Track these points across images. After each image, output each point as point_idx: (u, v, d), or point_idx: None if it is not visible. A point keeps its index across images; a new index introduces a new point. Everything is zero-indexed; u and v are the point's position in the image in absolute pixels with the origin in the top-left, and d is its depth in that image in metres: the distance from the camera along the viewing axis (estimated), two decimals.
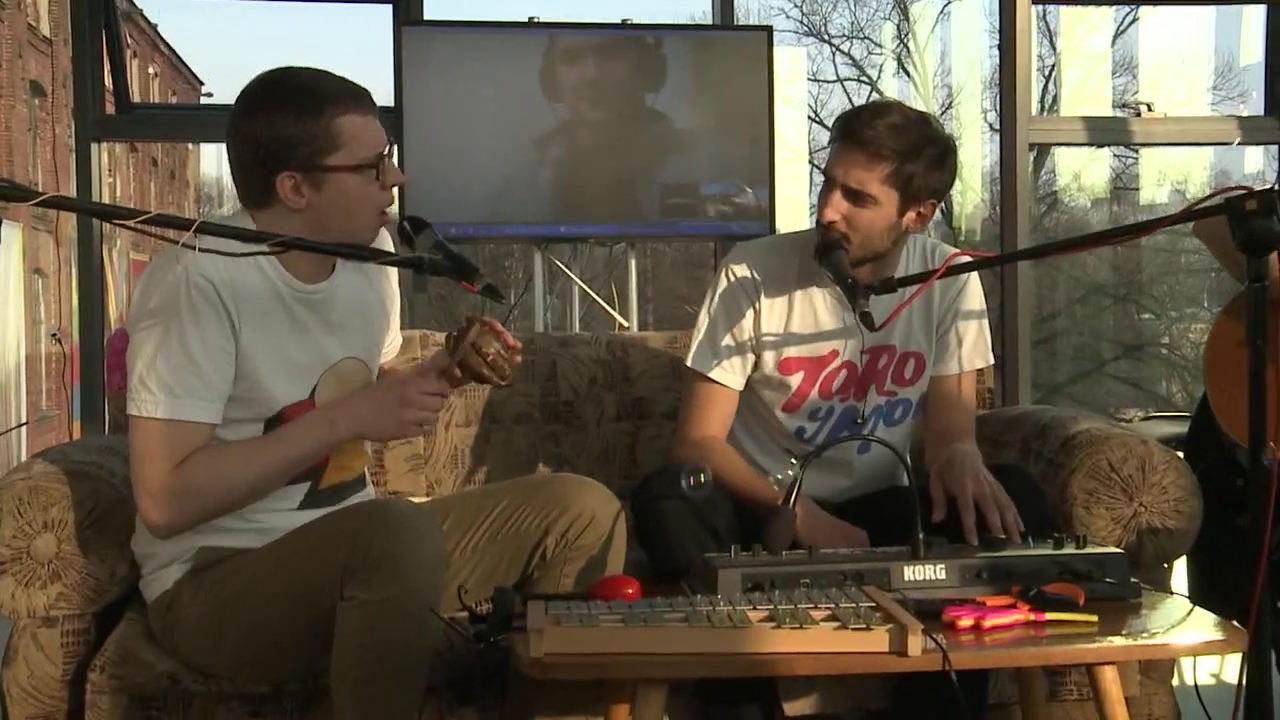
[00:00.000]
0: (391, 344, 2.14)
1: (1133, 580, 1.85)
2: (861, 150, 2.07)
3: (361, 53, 4.26)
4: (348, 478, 1.99)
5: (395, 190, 1.91)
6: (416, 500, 2.37)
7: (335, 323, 1.93)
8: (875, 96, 13.24)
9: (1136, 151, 10.23)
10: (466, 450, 2.58)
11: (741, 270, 2.26)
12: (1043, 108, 11.90)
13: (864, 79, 13.94)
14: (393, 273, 2.09)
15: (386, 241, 2.00)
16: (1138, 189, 11.31)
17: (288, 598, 1.77)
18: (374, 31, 4.91)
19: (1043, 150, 10.63)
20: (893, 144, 2.05)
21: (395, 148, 1.92)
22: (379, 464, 2.52)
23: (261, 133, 1.79)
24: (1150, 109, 4.21)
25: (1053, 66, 11.57)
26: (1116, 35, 9.50)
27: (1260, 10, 4.23)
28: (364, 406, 1.84)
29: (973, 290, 2.32)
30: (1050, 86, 11.84)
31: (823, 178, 2.14)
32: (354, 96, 1.82)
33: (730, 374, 2.25)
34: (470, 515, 2.02)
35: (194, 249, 1.64)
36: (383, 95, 1.95)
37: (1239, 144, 4.23)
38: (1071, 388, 11.68)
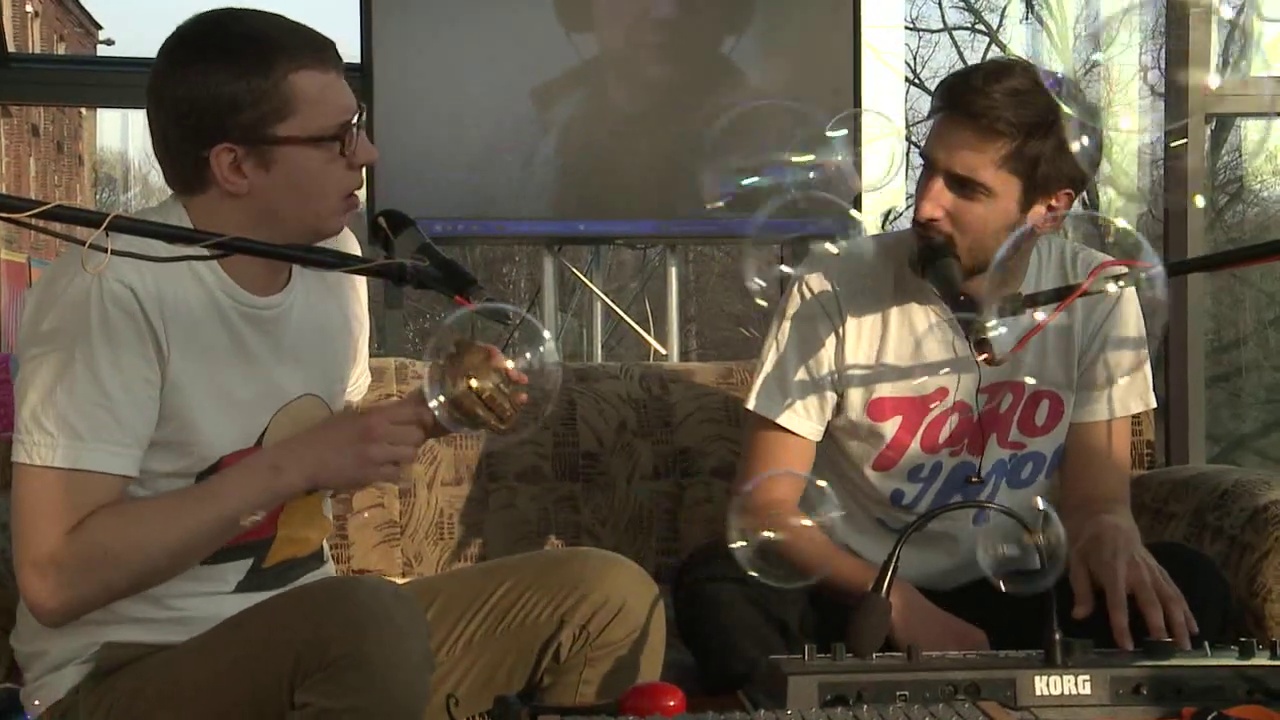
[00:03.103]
0: (359, 379, 2.19)
1: None
2: (971, 125, 2.10)
3: None
4: (301, 553, 2.03)
5: (364, 171, 1.94)
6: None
7: (289, 349, 1.98)
8: (995, 52, 13.24)
9: None
10: (456, 516, 2.63)
11: (819, 283, 2.30)
12: (1225, 65, 11.87)
13: (980, 28, 13.99)
14: (361, 285, 2.13)
15: (352, 243, 2.05)
16: None
17: (221, 707, 1.80)
18: None
19: (1224, 122, 10.62)
20: (1013, 116, 2.08)
21: (365, 114, 1.94)
22: (340, 533, 2.57)
23: (191, 93, 1.83)
24: None
25: (1240, 9, 11.55)
26: None
27: None
28: (317, 445, 1.86)
29: (1128, 311, 2.34)
30: (1236, 36, 11.81)
31: (922, 161, 2.18)
32: (313, 48, 1.87)
33: (805, 420, 2.29)
34: (462, 602, 2.06)
35: (105, 251, 1.64)
36: (346, 52, 1.98)
37: None
38: (1262, 441, 11.60)
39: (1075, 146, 2.09)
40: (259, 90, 1.82)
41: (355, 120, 1.89)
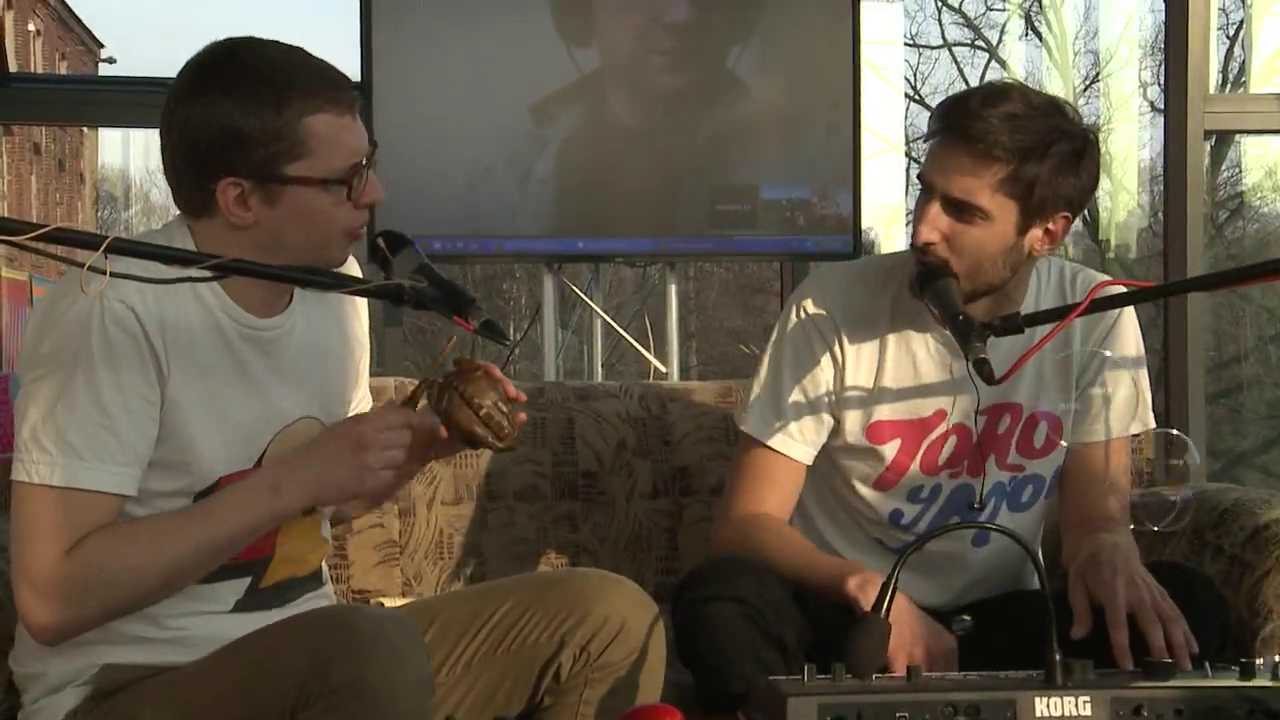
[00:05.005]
0: (360, 401, 2.19)
1: None
2: (967, 149, 2.10)
3: (319, 11, 4.35)
4: (299, 573, 2.03)
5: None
6: (390, 603, 2.40)
7: (289, 370, 1.98)
8: (994, 68, 13.28)
9: None
10: (455, 536, 2.62)
11: (817, 306, 2.30)
12: (1225, 81, 11.90)
13: (980, 44, 14.02)
14: (361, 306, 2.14)
15: (352, 265, 2.05)
16: None
17: None
18: None
19: (1224, 138, 10.62)
20: (1009, 141, 2.08)
21: (375, 150, 1.93)
22: (339, 552, 2.57)
23: (202, 124, 1.83)
24: None
25: (1240, 25, 11.59)
26: None
27: None
28: (313, 460, 1.87)
29: (1126, 330, 2.35)
30: (1236, 52, 11.85)
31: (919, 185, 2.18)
32: (332, 89, 1.86)
33: (797, 443, 2.29)
34: (462, 623, 2.06)
35: (104, 274, 1.63)
36: (346, 69, 1.94)
37: None
38: (1262, 457, 11.59)
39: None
40: (272, 129, 1.82)
41: (366, 161, 1.89)
